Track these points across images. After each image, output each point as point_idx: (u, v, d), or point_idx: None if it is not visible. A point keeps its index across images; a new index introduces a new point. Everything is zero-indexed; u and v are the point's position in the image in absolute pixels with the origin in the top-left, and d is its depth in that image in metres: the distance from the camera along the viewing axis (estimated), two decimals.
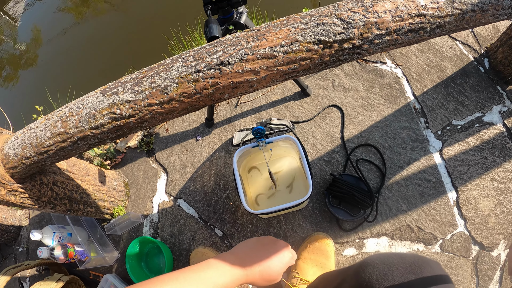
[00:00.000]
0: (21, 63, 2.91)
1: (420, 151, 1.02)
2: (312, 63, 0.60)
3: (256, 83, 0.59)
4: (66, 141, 0.67)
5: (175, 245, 1.03)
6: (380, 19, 0.57)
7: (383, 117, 1.05)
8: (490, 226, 0.94)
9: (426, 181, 0.99)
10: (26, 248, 1.25)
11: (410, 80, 1.10)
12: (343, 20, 0.57)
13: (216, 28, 0.71)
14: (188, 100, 0.59)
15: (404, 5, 0.58)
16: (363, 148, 1.02)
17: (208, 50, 0.58)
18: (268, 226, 0.98)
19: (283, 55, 0.57)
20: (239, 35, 0.59)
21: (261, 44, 0.57)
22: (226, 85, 0.58)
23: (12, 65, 2.96)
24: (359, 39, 0.58)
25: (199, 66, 0.57)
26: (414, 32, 0.60)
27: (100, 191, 1.03)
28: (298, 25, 0.58)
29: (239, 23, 0.85)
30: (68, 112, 0.66)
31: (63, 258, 1.01)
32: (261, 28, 0.59)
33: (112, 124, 0.62)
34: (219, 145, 1.10)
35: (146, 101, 0.59)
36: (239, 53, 0.56)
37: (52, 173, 0.87)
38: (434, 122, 1.04)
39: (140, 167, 1.16)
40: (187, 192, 1.07)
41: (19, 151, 0.72)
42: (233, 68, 0.57)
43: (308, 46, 0.57)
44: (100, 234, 1.10)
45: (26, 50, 2.98)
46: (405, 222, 0.97)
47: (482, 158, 0.99)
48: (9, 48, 3.13)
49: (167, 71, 0.59)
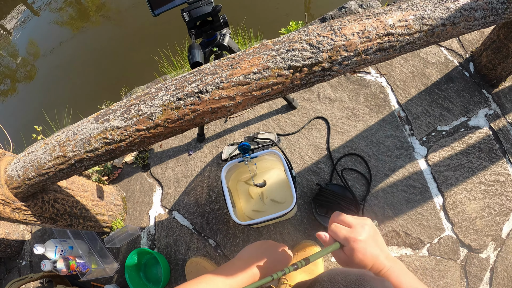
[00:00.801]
0: (17, 77, 3.05)
1: (405, 158, 1.07)
2: (284, 87, 0.67)
3: (233, 107, 0.67)
4: (64, 163, 0.75)
5: (171, 256, 1.10)
6: (348, 42, 0.61)
7: (368, 126, 1.12)
8: (478, 228, 0.96)
9: (411, 187, 1.04)
10: (30, 261, 1.33)
11: (395, 89, 1.16)
12: (311, 45, 0.63)
13: (198, 53, 0.79)
14: (172, 125, 0.67)
15: (372, 25, 0.62)
16: (348, 157, 1.09)
17: (188, 79, 0.66)
18: (259, 235, 1.05)
19: (256, 81, 0.64)
20: (216, 64, 0.67)
21: (235, 72, 0.64)
22: (205, 111, 0.66)
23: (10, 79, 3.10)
24: (328, 62, 0.64)
25: (180, 94, 0.65)
26: (383, 51, 0.64)
27: (99, 206, 1.11)
28: (269, 52, 0.65)
29: (222, 45, 0.92)
30: (65, 137, 0.74)
31: (65, 270, 1.10)
32: (236, 56, 0.67)
33: (105, 148, 0.71)
34: (210, 159, 1.17)
35: (134, 127, 0.67)
36: (216, 81, 0.64)
37: (52, 191, 0.96)
38: (419, 129, 1.10)
39: (137, 182, 1.24)
40: (181, 205, 1.15)
41: (21, 173, 0.80)
42: (211, 95, 0.64)
43: (279, 71, 0.64)
44: (100, 246, 1.18)
45: (22, 64, 3.12)
46: (392, 228, 1.01)
47: (468, 162, 1.03)
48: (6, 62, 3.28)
49: (152, 100, 0.67)
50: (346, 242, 0.49)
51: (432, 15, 0.66)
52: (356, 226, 0.50)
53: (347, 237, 0.49)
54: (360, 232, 0.49)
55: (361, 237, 0.48)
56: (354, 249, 0.48)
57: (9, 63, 3.27)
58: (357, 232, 0.49)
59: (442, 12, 0.66)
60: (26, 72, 3.04)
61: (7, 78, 3.16)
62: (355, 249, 0.48)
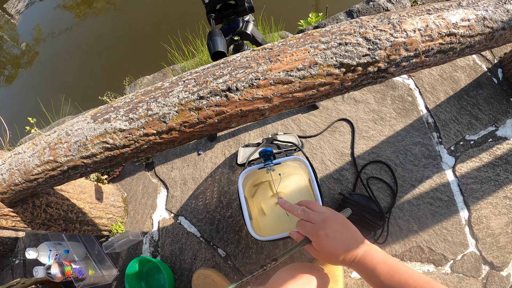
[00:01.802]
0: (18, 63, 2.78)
1: (432, 168, 0.94)
2: (331, 89, 0.51)
3: (268, 111, 0.51)
4: (55, 170, 0.58)
5: (176, 265, 0.96)
6: (409, 39, 0.48)
7: (395, 132, 0.97)
8: (501, 245, 0.88)
9: (438, 200, 0.92)
10: (23, 260, 1.17)
11: (423, 92, 1.02)
12: (368, 39, 0.49)
13: (221, 41, 0.62)
14: (190, 130, 0.51)
15: (434, 22, 0.49)
16: (374, 165, 0.94)
17: (213, 72, 0.50)
18: (274, 247, 0.90)
19: (300, 80, 0.48)
20: (249, 55, 0.50)
21: (274, 67, 0.48)
22: (233, 114, 0.50)
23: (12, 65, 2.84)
24: (385, 62, 0.49)
25: (202, 92, 0.48)
26: (443, 53, 0.51)
27: (97, 209, 0.95)
28: (317, 45, 0.49)
29: (245, 33, 0.76)
30: (57, 138, 0.57)
31: (60, 277, 0.94)
32: (274, 47, 0.51)
33: (105, 154, 0.54)
34: (222, 160, 1.01)
35: (142, 130, 0.51)
36: (249, 77, 0.48)
37: (45, 194, 0.79)
38: (447, 137, 0.97)
39: (139, 182, 1.08)
40: (188, 210, 1.00)
41: (7, 177, 0.64)
42: (242, 95, 0.48)
43: (329, 70, 0.49)
44: (98, 250, 1.03)
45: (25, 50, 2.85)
46: (416, 243, 0.90)
47: (495, 175, 0.93)
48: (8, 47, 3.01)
49: (165, 97, 0.50)
50: (312, 238, 0.48)
51: (493, 16, 0.54)
52: (319, 222, 0.49)
53: (311, 233, 0.48)
54: (323, 227, 0.48)
55: (322, 232, 0.47)
56: (319, 244, 0.47)
57: (10, 48, 3.00)
58: (320, 227, 0.48)
59: (502, 14, 0.54)
60: (26, 59, 2.78)
61: (8, 64, 2.90)
62: (319, 244, 0.47)
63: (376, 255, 0.47)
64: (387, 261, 0.46)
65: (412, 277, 0.44)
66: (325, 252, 0.47)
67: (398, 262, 0.46)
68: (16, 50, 2.88)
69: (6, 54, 2.91)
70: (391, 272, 0.45)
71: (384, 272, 0.45)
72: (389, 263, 0.46)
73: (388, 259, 0.47)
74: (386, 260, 0.47)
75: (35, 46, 2.80)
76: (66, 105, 1.50)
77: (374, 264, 0.46)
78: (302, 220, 0.52)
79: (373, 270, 0.46)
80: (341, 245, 0.47)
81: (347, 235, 0.48)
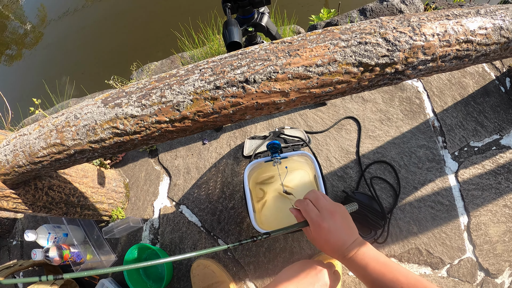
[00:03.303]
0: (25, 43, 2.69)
1: (436, 172, 0.94)
2: (348, 87, 0.50)
3: (284, 105, 0.49)
4: (62, 153, 0.56)
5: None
6: (427, 43, 0.47)
7: (400, 133, 0.96)
8: (497, 253, 0.88)
9: (439, 204, 0.92)
10: (20, 241, 1.16)
11: (431, 96, 1.00)
12: (388, 40, 0.47)
13: (237, 32, 0.60)
14: (203, 119, 0.49)
15: (453, 28, 0.48)
16: (378, 165, 0.94)
17: (231, 63, 0.48)
18: (275, 241, 0.90)
19: (318, 77, 0.47)
20: (268, 47, 0.49)
21: (294, 61, 0.46)
22: (249, 106, 0.48)
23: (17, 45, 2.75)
24: (403, 64, 0.48)
25: (219, 82, 0.47)
26: (458, 60, 0.50)
27: (99, 194, 0.93)
28: (337, 42, 0.47)
29: (260, 25, 0.73)
30: (65, 121, 0.55)
31: (58, 260, 0.93)
32: (294, 41, 0.49)
33: (114, 139, 0.52)
34: (227, 151, 1.00)
35: (154, 117, 0.49)
36: (268, 70, 0.46)
37: (48, 177, 0.78)
38: (452, 142, 0.96)
39: (142, 168, 1.06)
40: (190, 199, 0.98)
41: (10, 158, 0.62)
42: (260, 87, 0.46)
43: (347, 68, 0.47)
44: (97, 234, 1.01)
45: (30, 30, 2.76)
46: (415, 245, 0.90)
47: (496, 183, 0.92)
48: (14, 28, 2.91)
49: (180, 85, 0.48)
50: (312, 224, 0.48)
51: (510, 27, 0.53)
52: (324, 212, 0.48)
53: (314, 220, 0.48)
54: (327, 219, 0.47)
55: (325, 224, 0.47)
56: (317, 233, 0.47)
57: (16, 28, 2.90)
58: (324, 218, 0.47)
59: None
60: (31, 39, 2.70)
61: (13, 44, 2.80)
62: (319, 234, 0.47)
63: (369, 252, 0.47)
64: (379, 259, 0.46)
65: (403, 275, 0.44)
66: (322, 241, 0.48)
67: (390, 260, 0.46)
68: (21, 30, 2.79)
69: (11, 34, 2.82)
70: (382, 270, 0.45)
71: (375, 269, 0.45)
72: (381, 261, 0.46)
73: (380, 257, 0.47)
74: (378, 257, 0.46)
75: (40, 26, 2.72)
76: (71, 87, 1.46)
77: (366, 261, 0.46)
78: (306, 203, 0.51)
79: (365, 267, 0.46)
80: (339, 239, 0.47)
81: (346, 231, 0.48)
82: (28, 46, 2.65)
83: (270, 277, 0.88)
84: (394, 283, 0.43)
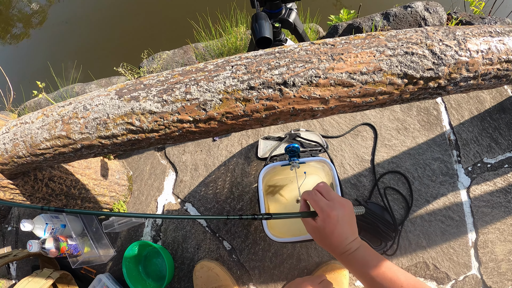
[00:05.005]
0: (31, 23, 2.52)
1: (448, 186, 0.89)
2: (389, 99, 0.44)
3: (321, 113, 0.43)
4: (67, 146, 0.49)
5: (178, 252, 0.89)
6: (471, 60, 0.43)
7: (416, 144, 0.91)
8: (502, 271, 0.85)
9: (449, 219, 0.88)
10: (15, 228, 1.08)
11: (448, 108, 0.95)
12: (434, 53, 0.43)
13: (268, 26, 0.53)
14: (231, 122, 0.43)
15: (496, 46, 0.44)
16: (392, 175, 0.89)
17: (268, 61, 0.41)
18: (282, 246, 0.84)
19: (361, 85, 0.41)
20: (309, 48, 0.42)
21: (337, 66, 0.40)
22: (284, 111, 0.42)
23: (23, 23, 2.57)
24: (446, 79, 0.44)
25: (253, 81, 0.40)
26: (497, 79, 0.47)
27: (101, 186, 0.86)
28: (383, 50, 0.41)
29: (287, 21, 0.67)
30: (72, 111, 0.48)
31: (54, 252, 0.86)
32: (337, 44, 0.42)
33: (128, 136, 0.46)
34: (238, 149, 0.93)
35: (176, 115, 0.42)
36: (309, 73, 0.40)
37: (48, 167, 0.70)
38: (466, 157, 0.91)
39: (147, 161, 0.99)
40: (196, 197, 0.92)
41: (10, 147, 0.54)
42: (298, 91, 0.40)
43: (392, 78, 0.42)
44: (96, 227, 0.95)
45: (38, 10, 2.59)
46: (423, 259, 0.86)
47: (506, 202, 0.89)
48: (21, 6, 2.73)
49: (209, 81, 0.41)
50: (321, 213, 0.46)
51: None
52: (335, 203, 0.46)
53: (324, 209, 0.45)
54: (338, 209, 0.45)
55: (336, 213, 0.45)
56: (325, 222, 0.45)
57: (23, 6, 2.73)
58: (334, 208, 0.45)
59: None
60: (38, 18, 2.53)
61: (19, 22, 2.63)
62: (326, 223, 0.45)
63: (369, 251, 0.46)
64: (378, 258, 0.45)
65: (403, 275, 0.43)
66: (327, 232, 0.45)
67: (388, 261, 0.46)
68: (28, 8, 2.63)
69: (18, 12, 2.66)
70: (382, 268, 0.44)
71: (376, 267, 0.44)
72: (381, 260, 0.45)
73: (379, 256, 0.46)
74: (378, 256, 0.46)
75: (48, 6, 2.56)
76: (77, 71, 1.37)
77: (367, 259, 0.45)
78: (315, 193, 0.48)
79: (365, 265, 0.45)
80: (343, 232, 0.45)
81: (351, 227, 0.47)
82: (34, 25, 2.50)
83: (275, 283, 0.83)
84: (394, 282, 0.42)
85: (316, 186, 0.50)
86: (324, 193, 0.48)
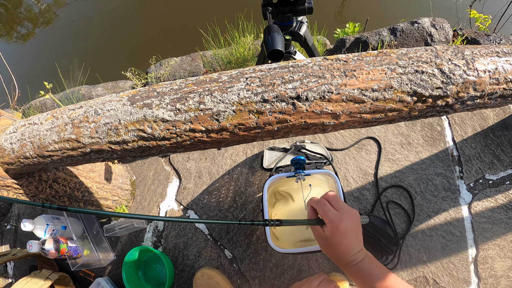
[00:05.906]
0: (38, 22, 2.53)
1: (450, 201, 0.89)
2: (398, 116, 0.44)
3: (332, 127, 0.43)
4: (76, 150, 0.49)
5: (178, 259, 0.87)
6: (479, 79, 0.43)
7: (420, 159, 0.91)
8: (501, 287, 0.83)
9: (450, 234, 0.87)
10: (15, 226, 1.07)
11: (452, 124, 0.95)
12: (443, 72, 0.43)
13: (280, 39, 0.53)
14: (243, 133, 0.42)
15: (503, 67, 0.45)
16: (394, 189, 0.88)
17: (281, 75, 0.41)
18: (283, 257, 0.83)
19: (372, 102, 0.41)
20: (322, 64, 0.42)
21: (349, 82, 0.40)
22: (296, 125, 0.42)
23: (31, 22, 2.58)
24: (454, 98, 0.44)
25: (267, 94, 0.40)
26: (503, 98, 0.47)
27: (104, 190, 0.85)
28: (394, 68, 0.42)
29: (297, 34, 0.67)
30: (83, 115, 0.48)
31: (54, 253, 0.85)
32: (349, 60, 0.43)
33: (139, 143, 0.45)
34: (242, 159, 0.93)
35: (189, 124, 0.42)
36: (322, 88, 0.40)
37: (53, 169, 0.69)
38: (469, 173, 0.91)
39: (151, 167, 0.99)
40: (199, 205, 0.91)
41: (17, 147, 0.54)
42: (311, 106, 0.40)
43: (402, 96, 0.42)
44: (97, 230, 0.94)
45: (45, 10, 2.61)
46: (423, 273, 0.85)
47: (507, 218, 0.88)
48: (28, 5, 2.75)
49: (223, 92, 0.41)
50: (330, 224, 0.45)
51: None
52: (344, 213, 0.46)
53: (333, 220, 0.45)
54: (346, 219, 0.45)
55: (344, 224, 0.44)
56: (333, 233, 0.45)
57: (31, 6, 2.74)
58: (343, 219, 0.45)
59: None
60: (46, 18, 2.54)
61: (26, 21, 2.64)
62: (334, 234, 0.45)
63: (374, 262, 0.46)
64: (382, 269, 0.46)
65: (406, 287, 0.44)
66: (334, 243, 0.45)
67: (392, 273, 0.46)
68: (36, 8, 2.64)
69: (25, 11, 2.67)
70: (386, 281, 0.44)
71: (379, 280, 0.44)
72: (385, 271, 0.45)
73: (383, 268, 0.46)
74: (381, 268, 0.46)
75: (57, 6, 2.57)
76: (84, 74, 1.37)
77: (371, 271, 0.45)
78: (324, 203, 0.48)
79: (369, 276, 0.45)
80: (350, 243, 0.45)
81: (357, 238, 0.46)
82: (41, 25, 2.51)
83: None
84: None
85: (325, 195, 0.50)
86: (333, 202, 0.48)
